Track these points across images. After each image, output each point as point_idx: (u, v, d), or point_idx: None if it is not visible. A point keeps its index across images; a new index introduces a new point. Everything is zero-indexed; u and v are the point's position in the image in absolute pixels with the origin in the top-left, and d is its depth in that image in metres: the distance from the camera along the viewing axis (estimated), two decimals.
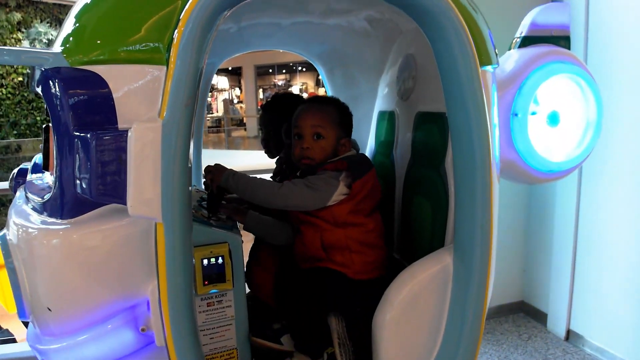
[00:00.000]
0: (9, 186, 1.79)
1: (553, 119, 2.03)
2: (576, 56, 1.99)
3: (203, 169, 1.74)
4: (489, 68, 1.45)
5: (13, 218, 1.42)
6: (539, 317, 3.23)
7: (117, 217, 1.22)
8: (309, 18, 2.05)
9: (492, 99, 1.48)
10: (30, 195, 1.46)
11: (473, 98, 1.28)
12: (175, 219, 1.14)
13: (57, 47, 1.21)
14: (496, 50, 1.57)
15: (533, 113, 1.99)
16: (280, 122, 2.17)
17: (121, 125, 1.17)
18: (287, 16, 2.03)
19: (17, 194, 1.65)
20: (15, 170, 1.82)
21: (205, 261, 1.50)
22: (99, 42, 1.16)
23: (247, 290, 1.95)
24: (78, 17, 1.21)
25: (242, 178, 1.61)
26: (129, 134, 1.11)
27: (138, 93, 1.16)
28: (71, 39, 1.20)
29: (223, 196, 1.73)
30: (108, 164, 1.14)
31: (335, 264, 1.65)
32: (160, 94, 1.15)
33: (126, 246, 1.23)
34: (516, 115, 1.96)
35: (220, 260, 1.52)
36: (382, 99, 2.21)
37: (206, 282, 1.51)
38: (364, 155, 1.84)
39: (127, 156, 1.12)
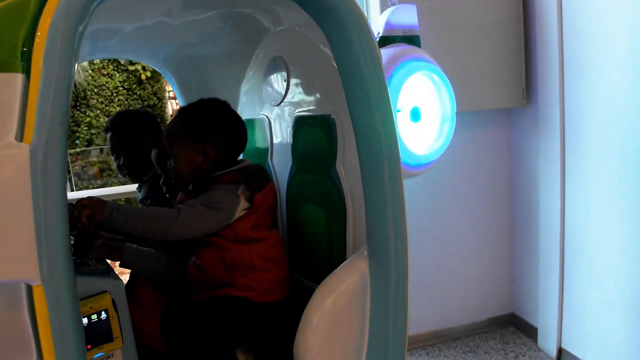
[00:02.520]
0: None
1: (415, 114, 2.12)
2: (428, 54, 2.11)
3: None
4: None
5: None
6: (530, 332, 2.86)
7: None
8: (156, 20, 1.80)
9: None
10: None
11: (380, 96, 1.23)
12: (59, 276, 0.86)
13: None
14: None
15: (398, 110, 2.05)
16: (135, 140, 1.88)
17: None
18: (130, 20, 1.76)
19: None
20: None
21: (85, 320, 1.20)
22: None
23: None
24: None
25: (129, 211, 1.34)
26: None
27: None
28: None
29: (98, 236, 1.41)
30: None
31: (238, 289, 1.47)
32: (17, 110, 0.85)
33: None
34: None
35: (103, 315, 1.23)
36: (246, 106, 2.06)
37: (89, 347, 1.20)
38: (260, 165, 1.67)
39: None
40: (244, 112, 2.08)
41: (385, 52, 2.00)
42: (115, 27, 1.80)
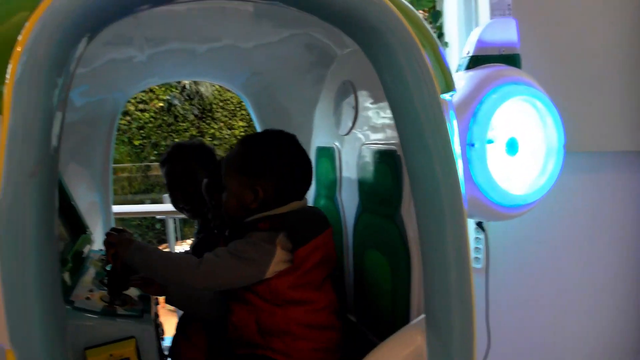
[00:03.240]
0: None
1: (511, 146, 1.82)
2: (530, 77, 1.80)
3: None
4: (446, 96, 1.19)
5: None
6: None
7: None
8: (227, 42, 1.74)
9: (452, 132, 1.22)
10: None
11: (435, 137, 1.01)
12: (33, 344, 0.77)
13: None
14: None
15: (490, 141, 1.77)
16: (190, 173, 1.81)
17: None
18: (200, 41, 1.71)
19: None
20: None
21: None
22: None
23: None
24: None
25: (152, 254, 1.24)
26: None
27: None
28: None
29: (130, 274, 1.35)
30: None
31: (276, 352, 1.29)
32: None
33: None
34: (472, 145, 1.73)
35: None
36: (319, 133, 1.91)
37: None
38: (315, 209, 1.45)
39: None
40: (317, 139, 1.95)
41: (475, 75, 1.74)
42: (186, 48, 1.76)
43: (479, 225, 2.06)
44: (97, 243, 1.87)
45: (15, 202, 0.74)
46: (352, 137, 1.64)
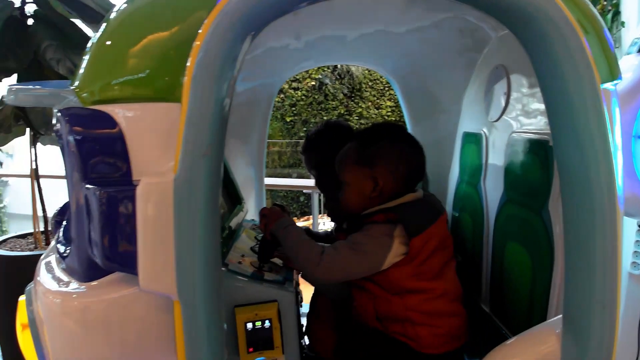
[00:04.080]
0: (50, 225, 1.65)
1: None
2: None
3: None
4: (609, 85, 1.09)
5: (41, 268, 1.28)
6: None
7: (135, 284, 1.01)
8: (378, 27, 1.77)
9: (613, 124, 1.11)
10: (58, 246, 1.30)
11: (592, 132, 0.94)
12: (196, 297, 0.91)
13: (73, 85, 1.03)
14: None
15: None
16: (324, 157, 1.78)
17: (136, 177, 0.96)
18: (352, 27, 1.76)
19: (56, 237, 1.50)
20: (59, 207, 1.65)
21: (250, 325, 1.26)
22: (107, 76, 0.97)
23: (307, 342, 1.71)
24: (90, 47, 1.02)
25: (290, 235, 1.34)
26: (137, 190, 0.90)
27: (155, 138, 0.94)
28: (82, 73, 1.01)
29: (278, 245, 1.48)
30: (114, 225, 0.93)
31: (397, 334, 1.34)
32: (175, 139, 0.92)
33: (144, 319, 1.01)
34: (639, 137, 1.56)
35: (267, 324, 1.27)
36: (467, 119, 1.87)
37: (251, 349, 1.27)
38: (428, 198, 1.44)
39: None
40: (465, 124, 1.90)
41: None
42: (338, 34, 1.83)
43: None
44: (249, 213, 2.07)
45: (189, 178, 0.87)
46: (502, 124, 1.58)
